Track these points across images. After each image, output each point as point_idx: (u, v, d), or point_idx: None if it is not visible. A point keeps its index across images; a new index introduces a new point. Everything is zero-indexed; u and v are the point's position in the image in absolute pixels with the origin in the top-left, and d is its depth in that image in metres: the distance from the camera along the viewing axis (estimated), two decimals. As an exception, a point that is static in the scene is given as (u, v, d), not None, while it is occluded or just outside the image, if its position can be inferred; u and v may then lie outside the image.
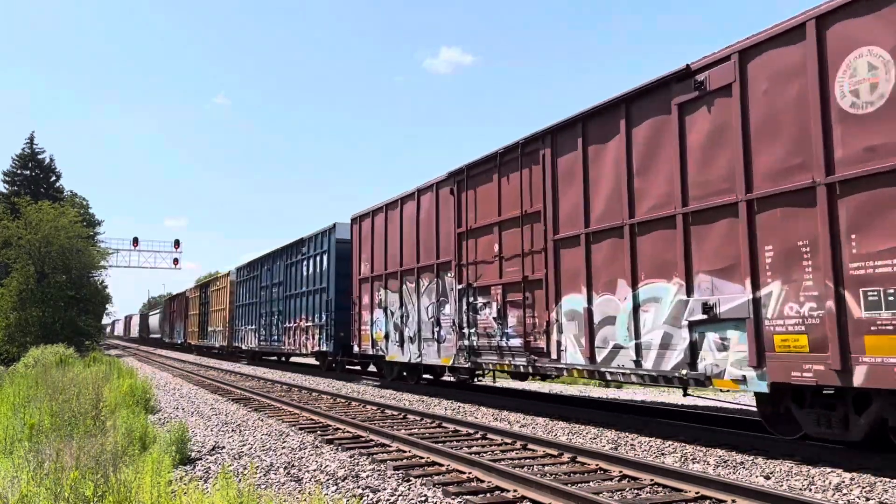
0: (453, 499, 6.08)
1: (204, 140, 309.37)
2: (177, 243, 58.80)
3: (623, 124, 9.56)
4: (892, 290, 6.34)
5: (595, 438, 9.17)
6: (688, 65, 8.53)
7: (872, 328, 6.47)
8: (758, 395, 7.97)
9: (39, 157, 53.30)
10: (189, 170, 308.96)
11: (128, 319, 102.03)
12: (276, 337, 26.72)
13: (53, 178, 53.74)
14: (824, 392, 7.40)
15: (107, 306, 55.49)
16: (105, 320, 69.13)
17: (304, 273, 23.60)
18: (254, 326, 29.97)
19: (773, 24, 7.62)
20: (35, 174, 52.75)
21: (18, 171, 52.65)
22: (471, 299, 13.22)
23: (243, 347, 31.91)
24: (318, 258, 22.35)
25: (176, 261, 58.78)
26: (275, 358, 31.84)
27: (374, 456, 8.04)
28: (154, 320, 70.48)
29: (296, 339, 24.23)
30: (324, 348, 21.39)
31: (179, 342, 50.23)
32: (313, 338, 22.32)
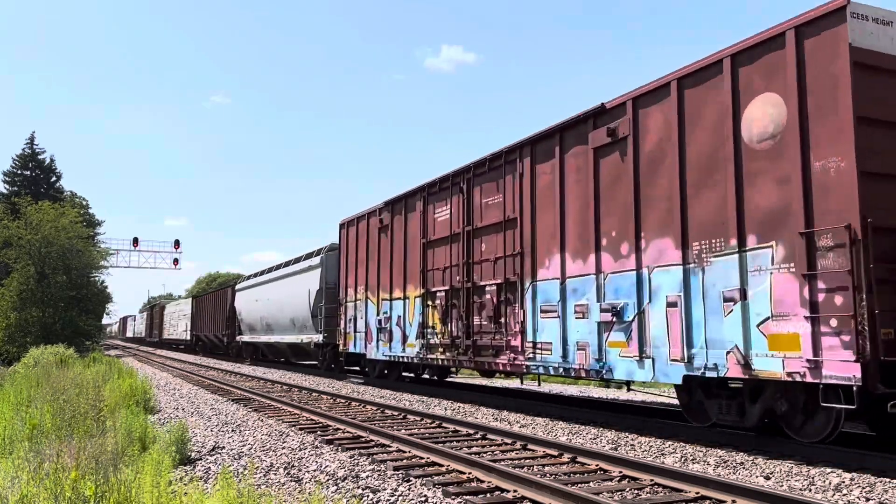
0: (453, 499, 6.07)
1: (204, 139, 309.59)
2: (177, 243, 58.62)
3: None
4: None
5: (595, 438, 9.17)
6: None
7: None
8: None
9: (40, 157, 53.27)
10: (189, 170, 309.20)
11: (158, 310, 65.31)
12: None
13: (53, 178, 53.69)
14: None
15: (107, 306, 55.38)
16: (107, 319, 67.91)
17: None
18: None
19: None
20: (35, 174, 52.71)
21: (19, 172, 52.60)
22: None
23: None
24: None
25: (176, 261, 58.58)
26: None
27: (374, 456, 8.04)
28: (255, 304, 29.85)
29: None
30: None
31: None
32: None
